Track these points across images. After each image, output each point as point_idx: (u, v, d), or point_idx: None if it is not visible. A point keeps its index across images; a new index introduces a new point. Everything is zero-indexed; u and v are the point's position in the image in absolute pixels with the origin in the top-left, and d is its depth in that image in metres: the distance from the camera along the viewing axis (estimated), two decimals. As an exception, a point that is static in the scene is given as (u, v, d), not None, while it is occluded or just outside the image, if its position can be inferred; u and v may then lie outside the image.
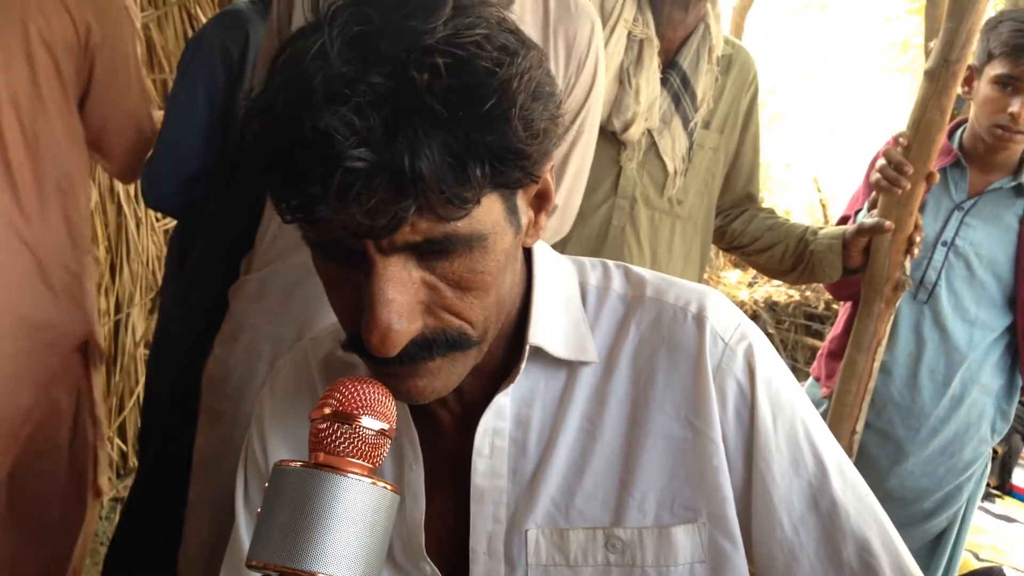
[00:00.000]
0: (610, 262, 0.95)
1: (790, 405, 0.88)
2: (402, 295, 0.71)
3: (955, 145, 2.14)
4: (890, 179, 1.89)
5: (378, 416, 0.69)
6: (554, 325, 0.87)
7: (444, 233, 0.69)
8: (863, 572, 0.84)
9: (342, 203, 0.65)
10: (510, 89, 0.67)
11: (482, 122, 0.66)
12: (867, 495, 0.88)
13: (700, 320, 0.87)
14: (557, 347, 0.86)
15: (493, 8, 0.72)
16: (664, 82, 1.97)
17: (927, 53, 1.93)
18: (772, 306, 5.73)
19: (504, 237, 0.75)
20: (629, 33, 1.93)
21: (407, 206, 0.66)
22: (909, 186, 1.88)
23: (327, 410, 0.68)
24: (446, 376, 0.78)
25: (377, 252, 0.69)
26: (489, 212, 0.72)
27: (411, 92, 0.65)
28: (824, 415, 2.04)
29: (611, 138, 1.96)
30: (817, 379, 2.33)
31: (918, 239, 1.94)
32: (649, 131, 1.96)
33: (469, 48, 0.67)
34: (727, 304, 0.91)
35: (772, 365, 0.89)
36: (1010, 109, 1.96)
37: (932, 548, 2.26)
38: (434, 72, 0.65)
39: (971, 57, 1.94)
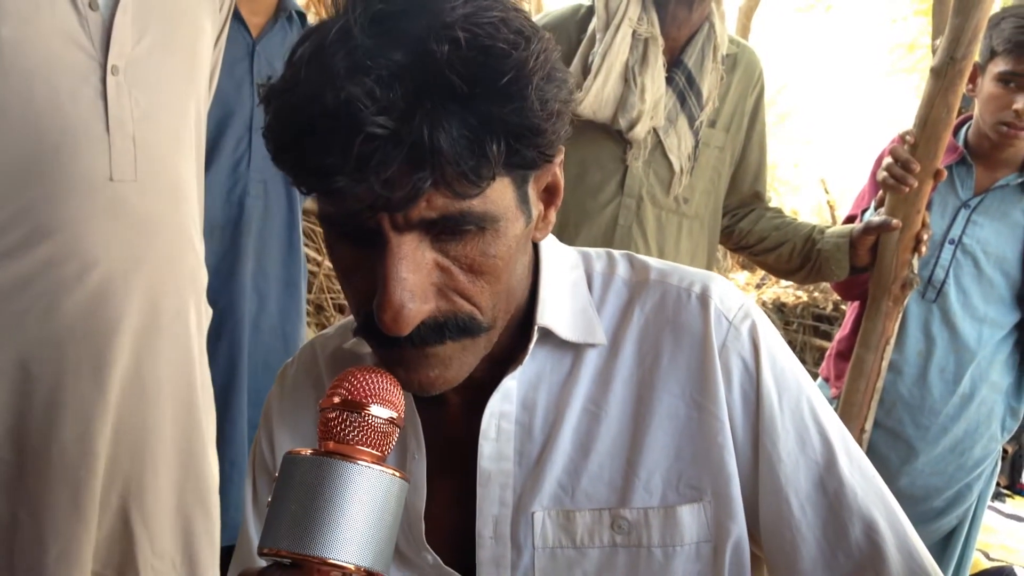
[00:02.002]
0: (615, 251, 0.96)
1: (795, 384, 0.88)
2: (415, 274, 0.72)
3: (961, 142, 2.13)
4: (897, 177, 1.88)
5: (387, 404, 0.69)
6: (561, 309, 0.88)
7: (459, 210, 0.71)
8: (870, 551, 0.84)
9: (361, 172, 0.66)
10: (526, 68, 0.69)
11: (500, 97, 0.68)
12: (873, 475, 0.88)
13: (704, 300, 0.88)
14: (565, 330, 0.87)
15: None
16: (669, 81, 1.97)
17: (934, 51, 1.92)
18: (780, 307, 5.73)
19: (516, 224, 0.77)
20: (634, 32, 1.93)
21: (424, 178, 0.67)
22: (916, 184, 1.87)
23: (336, 399, 0.69)
24: (457, 366, 0.78)
25: (392, 229, 0.70)
26: (502, 196, 0.74)
27: (431, 66, 0.67)
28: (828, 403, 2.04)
29: (617, 137, 1.96)
30: (826, 379, 2.32)
31: (925, 237, 1.94)
32: (655, 130, 1.96)
33: (486, 28, 0.68)
34: (730, 285, 0.91)
35: (776, 344, 0.89)
36: (1015, 106, 1.96)
37: (943, 547, 2.26)
38: (454, 45, 0.67)
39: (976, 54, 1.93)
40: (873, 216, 1.96)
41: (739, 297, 0.90)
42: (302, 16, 2.20)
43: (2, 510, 1.33)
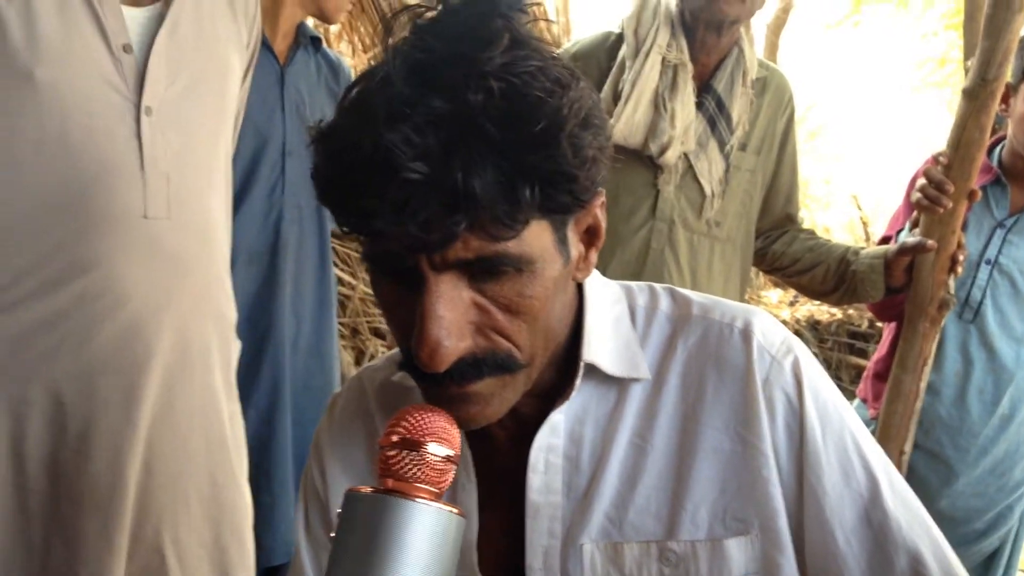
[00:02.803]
0: (656, 285, 0.97)
1: (838, 417, 0.89)
2: (452, 312, 0.73)
3: (995, 163, 2.12)
4: (931, 198, 1.88)
5: (444, 443, 0.71)
6: (605, 344, 0.89)
7: (495, 252, 0.72)
8: None
9: (398, 216, 0.69)
10: (560, 115, 0.71)
11: (533, 144, 0.70)
12: (918, 507, 0.89)
13: (746, 335, 0.89)
14: (610, 365, 0.88)
15: (547, 45, 0.76)
16: (699, 106, 1.98)
17: (966, 70, 1.92)
18: (814, 325, 5.69)
19: (553, 265, 0.78)
20: (663, 59, 1.94)
21: (459, 221, 0.69)
22: (950, 204, 1.87)
23: (395, 438, 0.71)
24: (497, 403, 0.80)
25: (430, 269, 0.73)
26: (539, 238, 0.75)
27: (467, 114, 0.69)
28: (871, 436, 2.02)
29: (647, 162, 1.97)
30: (864, 401, 2.31)
31: (961, 258, 1.93)
32: (685, 154, 1.98)
33: (523, 77, 0.71)
34: (772, 320, 0.92)
35: (819, 378, 0.90)
36: None
37: (984, 569, 2.23)
38: (489, 95, 0.69)
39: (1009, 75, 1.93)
40: (908, 237, 1.96)
41: (781, 332, 0.91)
42: (317, 41, 2.24)
43: (36, 538, 1.35)
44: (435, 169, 0.68)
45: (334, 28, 3.73)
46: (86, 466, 1.35)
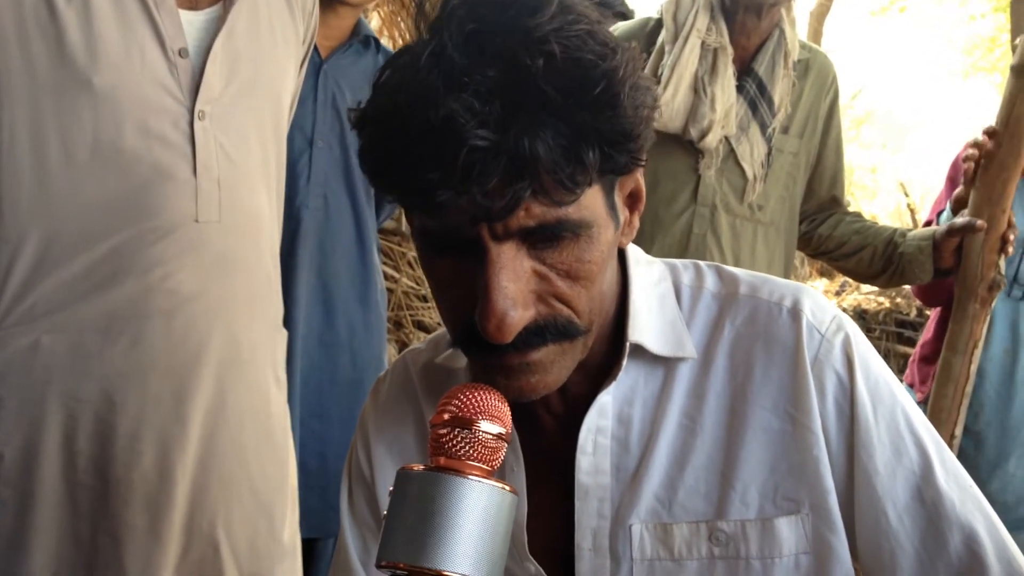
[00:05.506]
0: (702, 263, 0.97)
1: (889, 395, 0.88)
2: (515, 283, 0.74)
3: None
4: (981, 148, 1.85)
5: (495, 420, 0.72)
6: (651, 323, 0.89)
7: (556, 218, 0.73)
8: (970, 560, 0.84)
9: (464, 185, 0.70)
10: (617, 76, 0.72)
11: (594, 106, 0.71)
12: (970, 484, 0.88)
13: (795, 314, 0.89)
14: (655, 344, 0.88)
15: (591, 10, 0.77)
16: (740, 89, 1.97)
17: (1014, 49, 1.88)
18: (862, 314, 5.61)
19: (607, 230, 0.79)
20: (703, 43, 1.93)
21: (523, 187, 0.70)
22: (994, 146, 1.84)
23: (446, 416, 0.72)
24: (556, 371, 0.81)
25: (492, 239, 0.73)
26: (594, 202, 0.76)
27: (526, 80, 0.70)
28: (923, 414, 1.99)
29: (688, 147, 1.97)
30: (911, 385, 2.28)
31: (1012, 237, 1.89)
32: (727, 138, 1.97)
33: (575, 40, 0.72)
34: (821, 298, 0.92)
35: (870, 356, 0.89)
36: None
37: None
38: (548, 59, 0.70)
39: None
40: (957, 218, 1.93)
41: (831, 310, 0.90)
42: (377, 41, 2.24)
43: (84, 534, 1.38)
44: (499, 135, 0.69)
45: (375, 23, 3.75)
46: (135, 462, 1.37)
